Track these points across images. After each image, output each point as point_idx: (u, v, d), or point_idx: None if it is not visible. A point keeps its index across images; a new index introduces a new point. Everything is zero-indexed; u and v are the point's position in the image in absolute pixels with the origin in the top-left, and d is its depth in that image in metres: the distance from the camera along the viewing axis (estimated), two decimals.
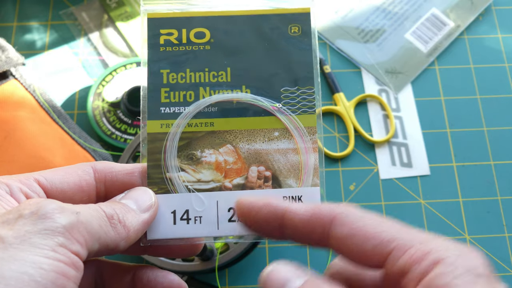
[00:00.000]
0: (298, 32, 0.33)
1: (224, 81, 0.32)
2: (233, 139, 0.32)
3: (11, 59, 0.54)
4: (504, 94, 0.60)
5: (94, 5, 0.63)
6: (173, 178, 0.31)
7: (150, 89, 0.32)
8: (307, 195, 0.31)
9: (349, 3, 0.64)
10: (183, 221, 0.30)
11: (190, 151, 0.31)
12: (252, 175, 0.31)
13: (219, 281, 0.50)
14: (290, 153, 0.32)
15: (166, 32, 0.32)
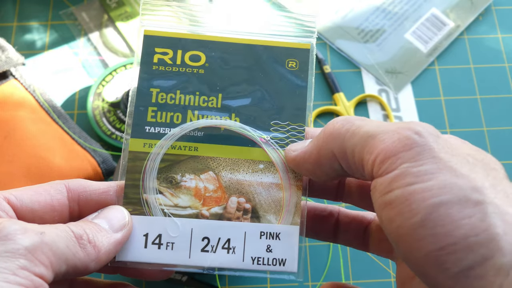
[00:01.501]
0: (295, 67, 0.32)
1: (214, 106, 0.31)
2: (216, 166, 0.31)
3: (11, 59, 0.54)
4: (504, 94, 0.60)
5: (94, 5, 0.63)
6: (150, 200, 0.30)
7: (137, 106, 0.31)
8: (285, 233, 0.30)
9: (349, 3, 0.64)
10: (155, 245, 0.29)
11: (170, 174, 0.30)
12: (231, 205, 0.30)
13: (219, 281, 0.50)
14: (273, 188, 0.30)
15: (161, 51, 0.32)
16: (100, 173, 0.51)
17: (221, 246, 0.30)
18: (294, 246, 0.30)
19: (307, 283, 0.50)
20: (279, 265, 0.30)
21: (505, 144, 0.57)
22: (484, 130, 0.58)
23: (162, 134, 0.31)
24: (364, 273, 0.51)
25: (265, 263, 0.30)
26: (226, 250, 0.29)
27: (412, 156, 0.23)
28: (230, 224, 0.30)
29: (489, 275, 0.21)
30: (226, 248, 0.30)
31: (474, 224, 0.21)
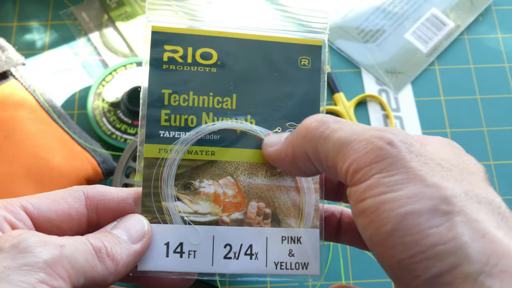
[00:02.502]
0: (308, 65, 0.31)
1: (228, 108, 0.30)
2: (234, 171, 0.30)
3: (11, 59, 0.54)
4: (504, 94, 0.60)
5: (94, 5, 0.63)
6: (169, 207, 0.29)
7: (150, 109, 0.30)
8: (306, 237, 0.30)
9: (349, 3, 0.64)
10: (177, 254, 0.28)
11: (188, 180, 0.29)
12: (251, 210, 0.30)
13: (219, 281, 0.50)
14: (291, 191, 0.30)
15: (171, 49, 0.30)
16: (100, 173, 0.51)
17: (243, 252, 0.29)
18: (315, 249, 0.30)
19: (307, 283, 0.50)
20: (302, 268, 0.30)
21: (505, 144, 0.57)
22: (484, 130, 0.58)
23: (177, 138, 0.30)
24: (364, 273, 0.51)
25: (288, 267, 0.29)
26: (249, 256, 0.29)
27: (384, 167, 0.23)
28: (251, 230, 0.29)
29: (457, 282, 0.21)
30: (249, 254, 0.29)
31: (442, 233, 0.21)
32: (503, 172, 0.56)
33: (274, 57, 0.31)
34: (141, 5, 0.63)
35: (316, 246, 0.30)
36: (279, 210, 0.30)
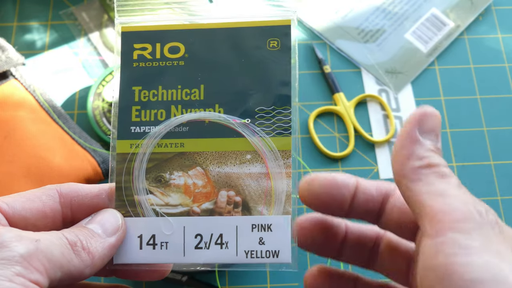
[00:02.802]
0: (277, 46, 0.31)
1: (197, 99, 0.30)
2: (203, 161, 0.30)
3: (11, 59, 0.54)
4: (504, 94, 0.60)
5: (94, 5, 0.63)
6: (142, 201, 0.30)
7: (121, 107, 0.30)
8: (277, 224, 0.29)
9: (349, 3, 0.64)
10: (149, 246, 0.29)
11: (158, 173, 0.30)
12: (221, 200, 0.30)
13: (219, 281, 0.50)
14: (262, 178, 0.30)
15: (140, 47, 0.31)
16: (100, 173, 0.51)
17: (214, 242, 0.29)
18: (286, 236, 0.29)
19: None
20: (273, 257, 0.29)
21: (505, 144, 0.57)
22: (484, 130, 0.58)
23: (147, 133, 0.30)
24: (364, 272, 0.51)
25: (259, 255, 0.29)
26: (219, 245, 0.29)
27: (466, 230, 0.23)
28: (221, 219, 0.29)
29: None
30: (219, 243, 0.29)
31: None
32: (503, 172, 0.56)
33: (242, 43, 0.31)
34: None
35: (288, 233, 0.29)
36: (250, 198, 0.30)
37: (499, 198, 0.55)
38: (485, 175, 0.56)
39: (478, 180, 0.55)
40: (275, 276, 0.51)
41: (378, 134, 0.57)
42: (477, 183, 0.55)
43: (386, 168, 0.56)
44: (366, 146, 0.57)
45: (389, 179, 0.55)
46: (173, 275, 0.47)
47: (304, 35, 0.62)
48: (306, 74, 0.60)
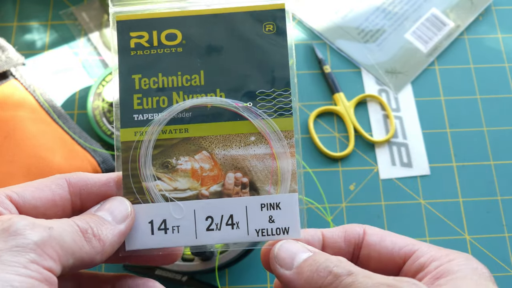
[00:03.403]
0: (273, 30, 0.31)
1: (197, 84, 0.31)
2: (209, 145, 0.31)
3: (11, 59, 0.54)
4: (504, 94, 0.60)
5: (94, 5, 0.63)
6: (150, 187, 0.30)
7: (122, 96, 0.31)
8: (285, 202, 0.30)
9: (349, 3, 0.64)
10: (161, 231, 0.30)
11: (165, 159, 0.30)
12: (229, 182, 0.30)
13: (219, 281, 0.50)
14: (267, 158, 0.31)
15: (136, 35, 0.31)
16: (100, 173, 0.51)
17: (225, 223, 0.30)
18: (295, 213, 0.30)
19: None
20: (283, 233, 0.30)
21: (505, 144, 0.57)
22: (484, 130, 0.58)
23: (151, 120, 0.31)
24: None
25: (269, 233, 0.30)
26: (230, 226, 0.30)
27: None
28: (231, 200, 0.30)
29: None
30: (230, 224, 0.30)
31: None
32: (503, 172, 0.56)
33: (238, 28, 0.31)
34: None
35: (296, 210, 0.30)
36: (256, 178, 0.30)
37: (499, 198, 0.55)
38: (485, 175, 0.56)
39: (478, 180, 0.55)
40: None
41: (378, 134, 0.57)
42: (477, 183, 0.55)
43: (386, 168, 0.56)
44: (366, 146, 0.57)
45: (389, 179, 0.55)
46: (173, 275, 0.47)
47: (304, 35, 0.62)
48: (306, 74, 0.60)
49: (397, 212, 0.54)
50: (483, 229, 0.53)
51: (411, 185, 0.55)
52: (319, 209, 0.53)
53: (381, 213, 0.53)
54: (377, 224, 0.53)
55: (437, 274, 0.26)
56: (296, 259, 0.28)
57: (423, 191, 0.55)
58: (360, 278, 0.25)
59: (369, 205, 0.54)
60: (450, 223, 0.53)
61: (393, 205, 0.54)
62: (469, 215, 0.54)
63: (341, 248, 0.30)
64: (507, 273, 0.51)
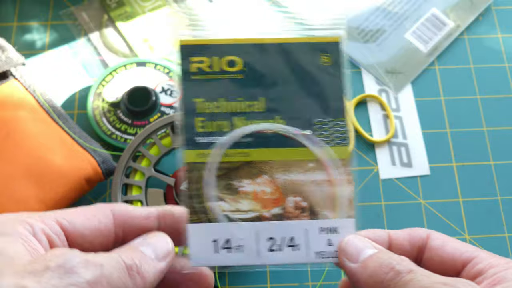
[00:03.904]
0: (329, 62, 0.33)
1: (258, 111, 0.32)
2: (269, 169, 0.32)
3: (11, 59, 0.54)
4: (504, 94, 0.60)
5: (94, 5, 0.63)
6: (213, 207, 0.31)
7: (185, 119, 0.32)
8: (342, 227, 0.32)
9: (349, 3, 0.64)
10: (225, 249, 0.31)
11: (228, 181, 0.32)
12: (289, 205, 0.32)
13: (219, 281, 0.50)
14: (325, 184, 0.32)
15: (198, 60, 0.32)
16: (100, 173, 0.51)
17: (286, 244, 0.31)
18: None
19: (307, 283, 0.50)
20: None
21: (505, 144, 0.57)
22: (484, 130, 0.58)
23: (213, 143, 0.32)
24: None
25: (328, 256, 0.31)
26: (291, 247, 0.31)
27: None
28: (292, 223, 0.31)
29: None
30: (291, 245, 0.31)
31: None
32: (503, 172, 0.56)
33: (297, 58, 0.33)
34: (141, 5, 0.63)
35: (353, 233, 0.32)
36: (315, 203, 0.32)
37: (499, 198, 0.55)
38: (485, 175, 0.56)
39: (478, 180, 0.55)
40: (275, 276, 0.51)
41: (378, 134, 0.57)
42: (477, 183, 0.55)
43: (386, 168, 0.56)
44: (366, 146, 0.57)
45: (389, 179, 0.55)
46: None
47: None
48: None
49: (397, 212, 0.54)
50: (483, 229, 0.53)
51: (411, 185, 0.55)
52: None
53: (381, 213, 0.53)
54: (377, 224, 0.53)
55: (494, 280, 0.27)
56: (362, 254, 0.29)
57: (423, 191, 0.55)
58: (419, 276, 0.26)
59: (369, 205, 0.54)
60: (450, 223, 0.53)
61: (393, 205, 0.54)
62: (469, 215, 0.54)
63: (405, 250, 0.31)
64: None
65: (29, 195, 0.48)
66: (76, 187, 0.50)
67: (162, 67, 0.58)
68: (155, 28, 0.62)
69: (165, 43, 0.61)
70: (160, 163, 0.53)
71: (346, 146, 0.32)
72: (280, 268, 0.31)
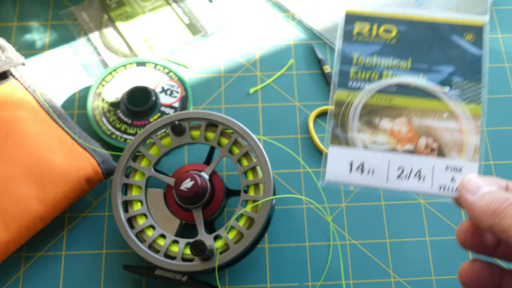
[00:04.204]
0: (471, 39, 0.39)
1: (405, 68, 0.38)
2: (408, 113, 0.37)
3: (11, 59, 0.54)
4: (504, 94, 0.60)
5: (94, 5, 0.63)
6: (354, 136, 0.37)
7: (342, 67, 0.39)
8: (466, 168, 0.36)
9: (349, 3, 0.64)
10: (358, 171, 0.36)
11: (370, 118, 0.37)
12: (421, 144, 0.37)
13: (219, 281, 0.50)
14: (455, 132, 0.37)
15: (360, 25, 0.40)
16: (100, 173, 0.51)
17: (413, 175, 0.36)
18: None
19: (307, 283, 0.50)
20: None
21: (505, 144, 0.57)
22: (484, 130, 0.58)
23: (362, 88, 0.38)
24: (364, 273, 0.51)
25: (450, 190, 0.36)
26: (418, 178, 0.36)
27: None
28: (421, 158, 0.36)
29: None
30: (418, 177, 0.36)
31: None
32: (503, 172, 0.56)
33: (442, 33, 0.39)
34: (141, 5, 0.63)
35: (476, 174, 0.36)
36: (444, 145, 0.37)
37: None
38: None
39: None
40: (275, 276, 0.51)
41: None
42: None
43: None
44: None
45: None
46: (173, 275, 0.48)
47: (304, 35, 0.62)
48: (306, 74, 0.60)
49: (397, 212, 0.54)
50: None
51: None
52: (319, 209, 0.53)
53: (381, 213, 0.53)
54: (377, 224, 0.53)
55: None
56: (481, 189, 0.34)
57: None
58: None
59: (369, 205, 0.54)
60: (450, 223, 0.53)
61: (393, 205, 0.54)
62: None
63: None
64: None
65: (29, 195, 0.48)
66: (76, 187, 0.50)
67: (162, 67, 0.58)
68: (155, 28, 0.62)
69: (165, 43, 0.61)
70: (160, 163, 0.53)
71: (479, 105, 0.37)
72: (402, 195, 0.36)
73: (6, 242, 0.47)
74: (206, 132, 0.51)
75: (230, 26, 0.63)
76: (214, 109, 0.58)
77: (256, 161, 0.49)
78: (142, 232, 0.49)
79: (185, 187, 0.47)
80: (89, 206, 0.53)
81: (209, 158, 0.52)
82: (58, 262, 0.51)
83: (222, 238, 0.47)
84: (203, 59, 0.61)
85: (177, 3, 0.63)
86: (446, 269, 0.51)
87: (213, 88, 0.59)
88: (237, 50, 0.61)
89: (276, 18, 0.63)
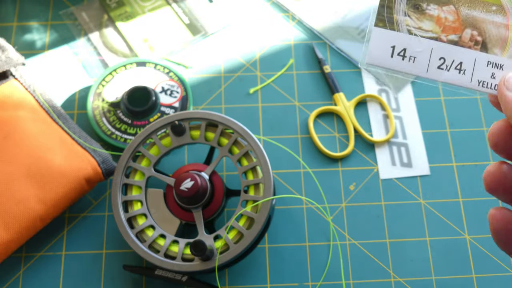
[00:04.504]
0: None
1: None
2: (456, 2, 0.36)
3: (11, 59, 0.54)
4: None
5: (94, 5, 0.63)
6: (399, 20, 0.36)
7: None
8: (508, 65, 0.35)
9: (349, 3, 0.64)
10: (399, 56, 0.35)
11: (418, 2, 0.36)
12: (465, 36, 0.36)
13: (219, 281, 0.50)
14: (502, 27, 0.36)
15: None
16: (100, 173, 0.51)
17: (454, 67, 0.35)
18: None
19: (307, 283, 0.50)
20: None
21: None
22: (484, 130, 0.58)
23: None
24: (364, 273, 0.51)
25: (488, 86, 0.35)
26: (458, 71, 0.35)
27: None
28: (463, 50, 0.35)
29: None
30: (458, 69, 0.35)
31: None
32: None
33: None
34: (141, 5, 0.63)
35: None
36: (489, 40, 0.36)
37: None
38: None
39: (478, 180, 0.55)
40: (275, 276, 0.51)
41: (378, 134, 0.57)
42: (477, 183, 0.55)
43: (386, 168, 0.56)
44: (366, 146, 0.57)
45: (389, 179, 0.55)
46: (173, 275, 0.48)
47: (304, 35, 0.62)
48: (306, 74, 0.60)
49: (397, 212, 0.54)
50: (483, 229, 0.53)
51: (411, 185, 0.55)
52: (319, 209, 0.53)
53: (381, 213, 0.54)
54: (377, 224, 0.53)
55: None
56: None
57: (423, 191, 0.55)
58: None
59: (369, 205, 0.54)
60: (450, 223, 0.53)
61: (393, 205, 0.54)
62: (469, 215, 0.54)
63: None
64: (507, 273, 0.51)
65: (29, 195, 0.48)
66: (76, 187, 0.50)
67: (162, 67, 0.58)
68: (155, 28, 0.62)
69: (165, 43, 0.61)
70: (160, 163, 0.53)
71: None
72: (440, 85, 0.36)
73: (6, 242, 0.47)
74: (206, 132, 0.51)
75: (230, 26, 0.63)
76: (214, 109, 0.58)
77: (256, 161, 0.49)
78: (142, 232, 0.49)
79: (185, 187, 0.47)
80: (89, 206, 0.53)
81: (209, 158, 0.52)
82: (58, 262, 0.51)
83: (222, 238, 0.47)
84: (203, 59, 0.61)
85: (177, 3, 0.63)
86: (446, 269, 0.51)
87: (213, 88, 0.59)
88: (237, 50, 0.61)
89: (276, 18, 0.63)
